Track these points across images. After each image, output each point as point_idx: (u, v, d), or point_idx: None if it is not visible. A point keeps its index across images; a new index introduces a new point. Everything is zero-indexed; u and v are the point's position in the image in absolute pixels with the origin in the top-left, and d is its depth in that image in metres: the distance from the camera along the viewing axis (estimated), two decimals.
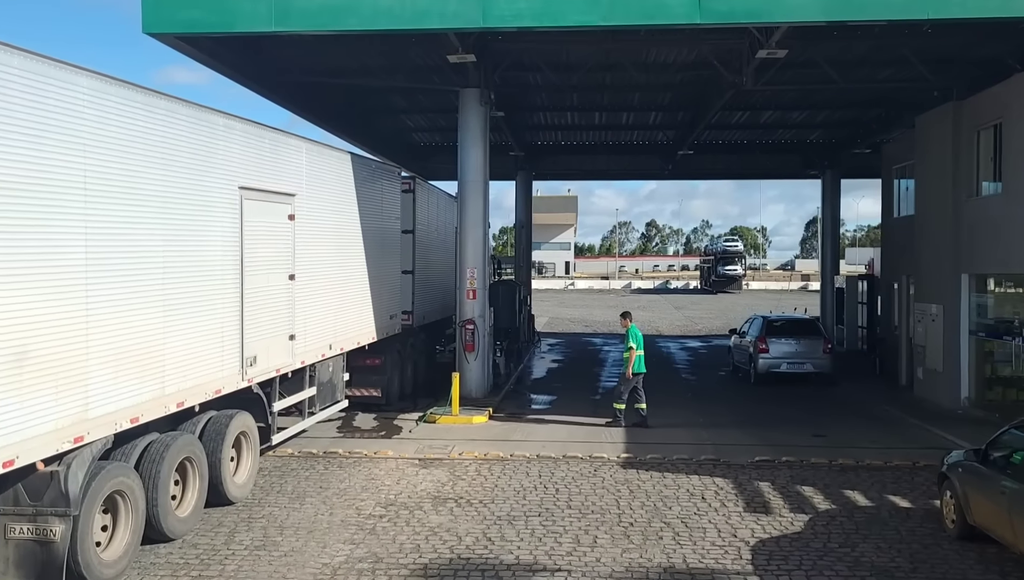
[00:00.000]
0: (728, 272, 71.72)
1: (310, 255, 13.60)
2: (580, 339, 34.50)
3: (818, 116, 27.16)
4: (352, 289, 15.62)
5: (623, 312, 17.51)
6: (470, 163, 18.64)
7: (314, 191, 13.80)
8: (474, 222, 18.66)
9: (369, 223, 16.44)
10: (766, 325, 21.59)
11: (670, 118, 27.56)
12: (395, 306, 18.33)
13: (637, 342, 16.42)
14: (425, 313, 20.93)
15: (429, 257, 21.43)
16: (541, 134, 30.75)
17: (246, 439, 11.72)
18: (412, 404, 18.41)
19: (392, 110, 26.65)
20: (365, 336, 16.38)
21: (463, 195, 18.77)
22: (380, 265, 17.18)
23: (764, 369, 21.13)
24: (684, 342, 33.28)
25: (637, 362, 16.35)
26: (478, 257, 18.68)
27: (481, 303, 18.62)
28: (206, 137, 10.63)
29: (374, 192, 16.92)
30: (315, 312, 13.79)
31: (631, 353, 16.36)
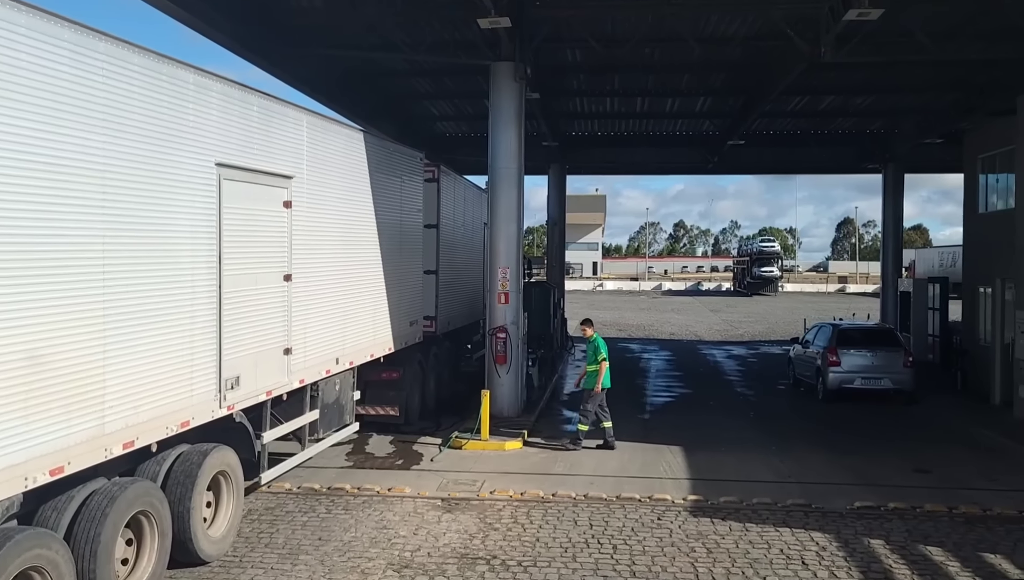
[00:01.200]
0: (764, 274, 68.59)
1: (311, 251, 11.16)
2: (615, 345, 31.79)
3: (885, 101, 24.37)
4: (364, 292, 13.17)
5: (584, 319, 15.06)
6: (503, 148, 16.13)
7: (317, 174, 11.36)
8: (507, 215, 16.16)
9: (385, 215, 13.99)
10: (837, 334, 18.88)
11: (720, 104, 24.89)
12: (416, 311, 15.87)
13: (606, 353, 14.21)
14: (450, 318, 18.45)
15: (455, 256, 18.95)
16: (577, 124, 28.19)
17: (227, 480, 9.29)
18: (435, 423, 15.94)
19: (415, 95, 24.21)
20: (380, 347, 13.93)
21: (494, 184, 16.27)
22: (398, 264, 14.73)
23: (835, 385, 18.43)
24: (728, 349, 30.56)
25: (606, 376, 14.15)
26: (512, 256, 16.18)
27: (515, 308, 16.11)
28: (171, 97, 8.20)
29: (392, 179, 14.47)
30: (318, 320, 11.35)
31: (601, 365, 14.10)
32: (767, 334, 37.34)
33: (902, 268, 28.86)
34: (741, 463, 13.19)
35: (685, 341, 33.99)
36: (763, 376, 23.33)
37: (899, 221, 28.51)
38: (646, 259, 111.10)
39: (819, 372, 19.00)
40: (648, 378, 22.67)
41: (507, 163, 16.11)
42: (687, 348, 30.88)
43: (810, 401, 18.99)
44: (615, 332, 37.78)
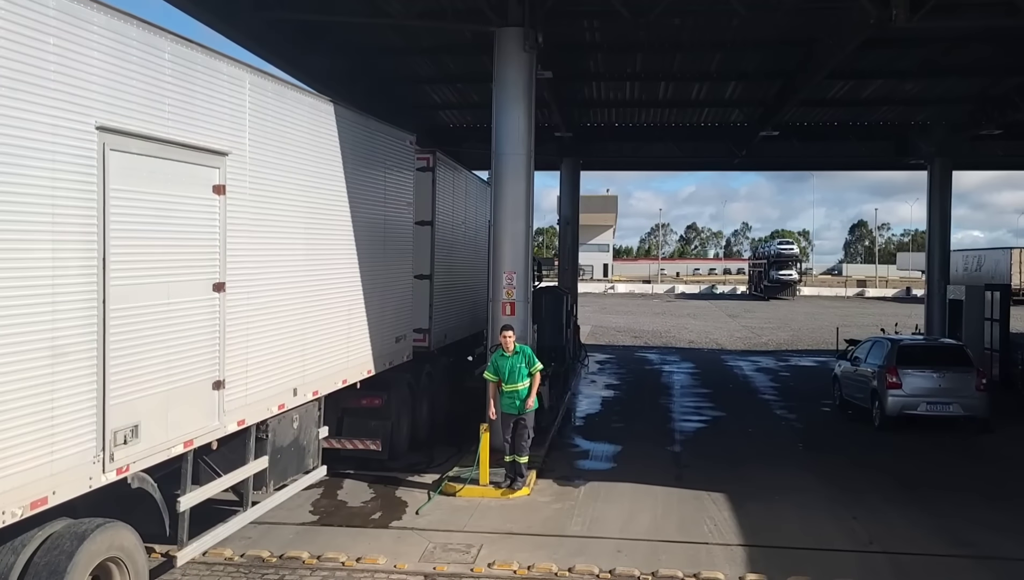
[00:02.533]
0: (782, 277, 65.52)
1: (257, 252, 8.48)
2: (632, 355, 29.13)
3: (937, 87, 21.49)
4: (334, 304, 10.48)
5: (504, 324, 11.86)
6: (509, 130, 13.41)
7: (266, 152, 8.67)
8: (514, 210, 13.44)
9: (365, 209, 11.31)
10: (897, 351, 16.07)
11: (753, 90, 22.09)
12: (404, 324, 13.17)
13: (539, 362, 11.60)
14: (447, 330, 15.76)
15: (454, 258, 16.27)
16: (593, 113, 25.42)
17: (120, 570, 6.62)
18: (427, 457, 13.26)
19: (413, 78, 21.50)
20: (356, 370, 11.24)
21: (499, 174, 13.56)
22: (381, 268, 12.06)
23: (895, 410, 15.63)
24: (755, 360, 27.74)
25: None
26: (519, 258, 13.47)
27: (522, 321, 13.37)
28: (19, 28, 5.54)
29: (374, 165, 11.78)
30: (266, 341, 8.67)
31: (535, 379, 11.42)
32: (792, 343, 34.52)
33: (948, 272, 25.91)
34: (804, 520, 10.41)
35: (706, 350, 31.19)
36: (801, 394, 20.53)
37: (946, 221, 25.61)
38: (658, 261, 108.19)
39: (875, 395, 16.20)
40: (672, 396, 19.90)
41: (514, 148, 13.39)
42: (710, 359, 28.08)
43: (864, 428, 16.17)
44: (630, 339, 35.06)
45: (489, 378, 11.39)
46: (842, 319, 47.60)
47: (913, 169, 28.14)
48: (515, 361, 11.29)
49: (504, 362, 11.30)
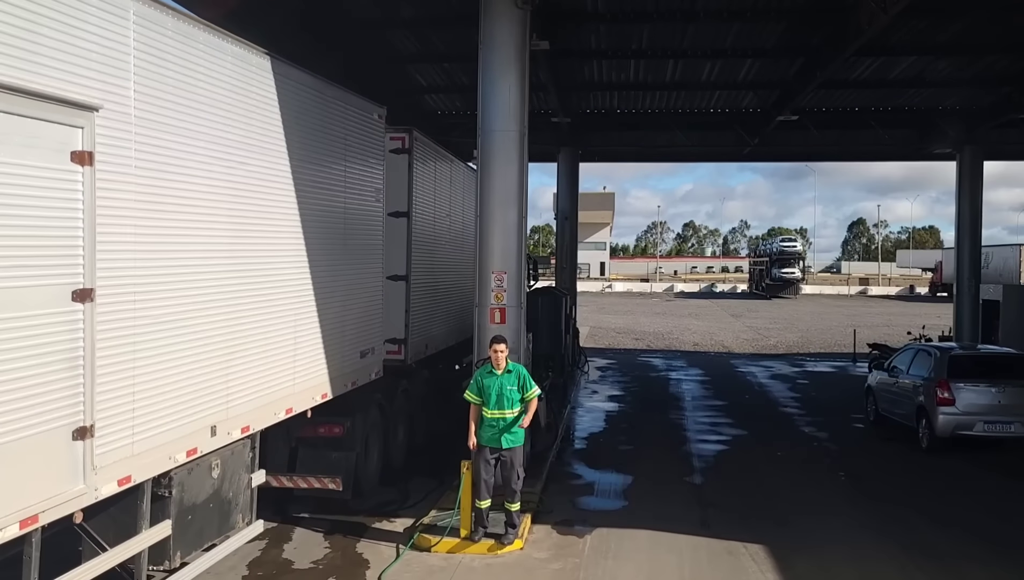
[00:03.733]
0: (785, 275, 63.18)
1: (149, 246, 6.17)
2: (635, 360, 26.84)
3: (976, 64, 19.17)
4: (274, 313, 8.17)
5: (495, 336, 9.41)
6: (499, 101, 11.10)
7: (163, 111, 6.35)
8: (504, 198, 11.14)
9: (317, 195, 9.02)
10: (949, 362, 13.79)
11: (770, 70, 19.79)
12: (372, 335, 10.88)
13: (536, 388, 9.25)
14: (428, 340, 13.48)
15: (437, 255, 13.99)
16: (593, 98, 23.09)
17: None
18: (401, 493, 10.97)
19: (394, 56, 19.18)
20: (306, 395, 8.94)
21: (487, 154, 11.25)
22: (341, 268, 9.76)
23: (947, 430, 13.37)
24: (768, 366, 25.46)
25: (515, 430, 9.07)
26: (510, 256, 11.18)
27: (514, 329, 11.08)
28: None
29: (330, 142, 9.48)
30: (164, 367, 6.36)
31: (531, 405, 9.08)
32: (803, 345, 32.26)
33: (979, 271, 23.63)
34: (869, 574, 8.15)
35: (713, 354, 28.91)
36: (826, 406, 18.24)
37: (977, 216, 23.35)
38: (656, 259, 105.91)
39: (921, 412, 13.93)
40: (684, 410, 17.60)
41: (504, 123, 11.09)
42: (719, 364, 25.80)
43: (910, 451, 13.89)
44: (631, 341, 32.80)
45: (471, 399, 9.04)
46: (850, 319, 45.38)
47: (938, 159, 25.96)
48: (505, 382, 8.96)
49: (491, 382, 8.97)
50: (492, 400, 8.86)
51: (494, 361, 8.99)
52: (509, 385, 8.93)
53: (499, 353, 8.97)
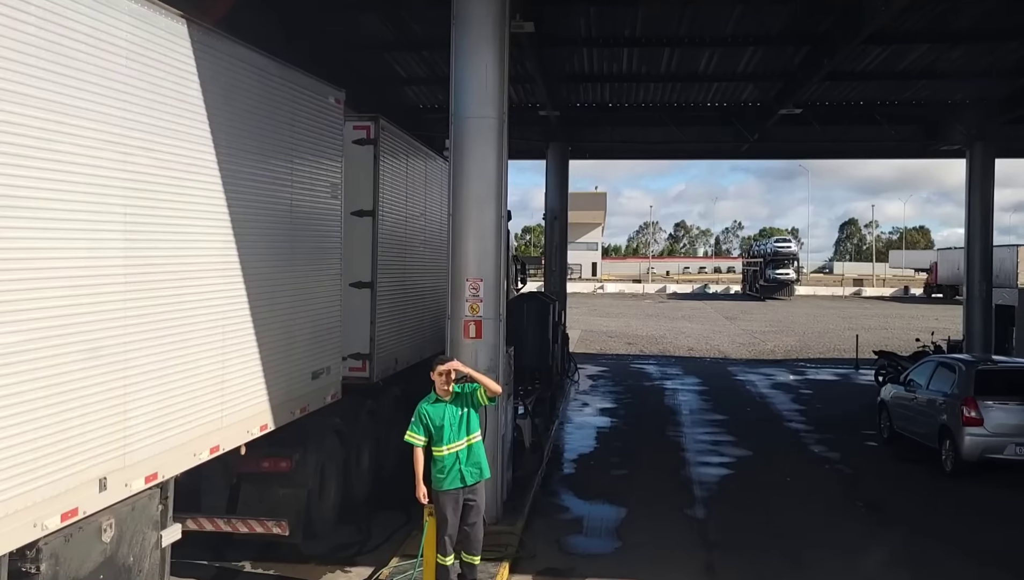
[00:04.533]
0: (779, 276, 61.81)
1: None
2: (628, 367, 25.43)
3: (994, 52, 17.84)
4: (193, 330, 6.66)
5: (438, 357, 8.18)
6: (473, 82, 9.66)
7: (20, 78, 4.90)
8: (481, 193, 9.70)
9: (254, 190, 7.57)
10: (975, 377, 12.41)
11: (772, 59, 18.40)
12: (328, 351, 9.41)
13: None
14: (399, 353, 12.03)
15: (408, 259, 12.55)
16: (583, 90, 21.66)
17: None
18: (363, 533, 9.55)
19: (369, 43, 17.74)
20: (239, 428, 7.48)
21: (460, 144, 9.81)
22: (287, 274, 8.30)
23: (974, 453, 11.98)
24: (768, 374, 24.07)
25: (446, 467, 7.46)
26: (487, 259, 9.72)
27: (492, 345, 9.63)
28: None
29: (272, 129, 8.01)
30: (23, 406, 4.90)
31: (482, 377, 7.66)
32: (802, 350, 30.92)
33: (991, 272, 22.25)
34: None
35: (709, 361, 27.54)
36: (833, 421, 16.84)
37: (988, 216, 21.95)
38: (649, 260, 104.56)
39: (944, 432, 12.55)
40: (682, 426, 16.17)
41: (481, 109, 9.65)
42: (717, 372, 24.40)
43: (933, 475, 12.50)
44: (624, 346, 31.40)
45: (415, 442, 7.40)
46: (847, 321, 44.16)
47: (945, 156, 24.61)
48: (454, 410, 7.42)
49: (437, 413, 7.39)
50: (444, 435, 7.35)
51: (437, 387, 7.47)
52: (460, 411, 7.43)
53: (442, 374, 7.39)
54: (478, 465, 7.45)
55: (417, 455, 7.42)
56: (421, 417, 7.42)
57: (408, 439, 7.44)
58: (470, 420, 7.46)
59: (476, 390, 7.49)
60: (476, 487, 7.44)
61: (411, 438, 7.41)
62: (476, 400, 7.49)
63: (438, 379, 7.44)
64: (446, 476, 7.36)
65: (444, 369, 7.42)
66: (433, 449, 7.40)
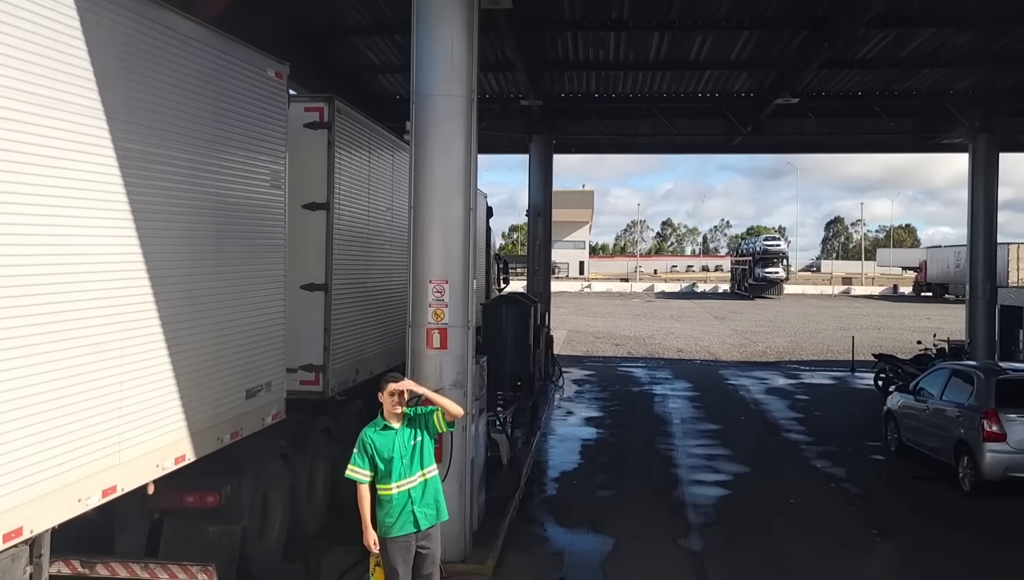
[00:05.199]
0: (768, 275, 60.79)
1: None
2: (615, 370, 24.21)
3: (998, 41, 16.74)
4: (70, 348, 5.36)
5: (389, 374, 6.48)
6: (439, 57, 8.40)
7: None
8: (446, 183, 8.42)
9: (161, 176, 6.27)
10: (996, 387, 11.23)
11: (768, 45, 17.22)
12: (268, 365, 8.10)
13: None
14: (359, 363, 10.75)
15: (373, 258, 11.27)
16: (568, 81, 20.39)
17: None
18: (310, 573, 8.28)
19: (337, 26, 16.46)
20: (145, 463, 6.17)
21: (423, 127, 8.52)
22: (212, 277, 7.00)
23: (996, 471, 10.81)
24: (761, 377, 22.90)
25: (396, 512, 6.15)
26: (454, 259, 8.45)
27: (459, 356, 8.37)
28: None
29: (191, 103, 6.71)
30: None
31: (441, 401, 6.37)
32: (794, 351, 29.81)
33: (994, 271, 21.14)
34: None
35: (700, 363, 26.37)
36: (835, 430, 15.66)
37: (992, 213, 20.86)
38: (636, 258, 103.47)
39: (962, 447, 11.37)
40: (673, 437, 14.94)
41: (446, 85, 8.38)
42: (708, 376, 23.21)
43: (949, 494, 11.32)
44: (611, 347, 30.20)
45: (358, 478, 6.12)
46: (838, 321, 43.16)
47: (946, 150, 23.52)
48: (405, 438, 6.16)
49: (385, 442, 6.11)
50: (396, 468, 6.09)
51: (387, 411, 6.20)
52: (413, 439, 6.16)
53: (393, 393, 6.11)
54: (434, 505, 6.19)
55: (362, 494, 6.15)
56: (366, 447, 6.15)
57: (350, 475, 6.17)
58: (424, 450, 6.20)
59: (432, 413, 6.24)
60: (431, 532, 6.18)
61: (353, 473, 6.15)
62: (432, 426, 6.24)
63: (387, 401, 6.16)
64: (396, 520, 6.10)
65: (396, 389, 6.15)
66: (379, 486, 6.14)
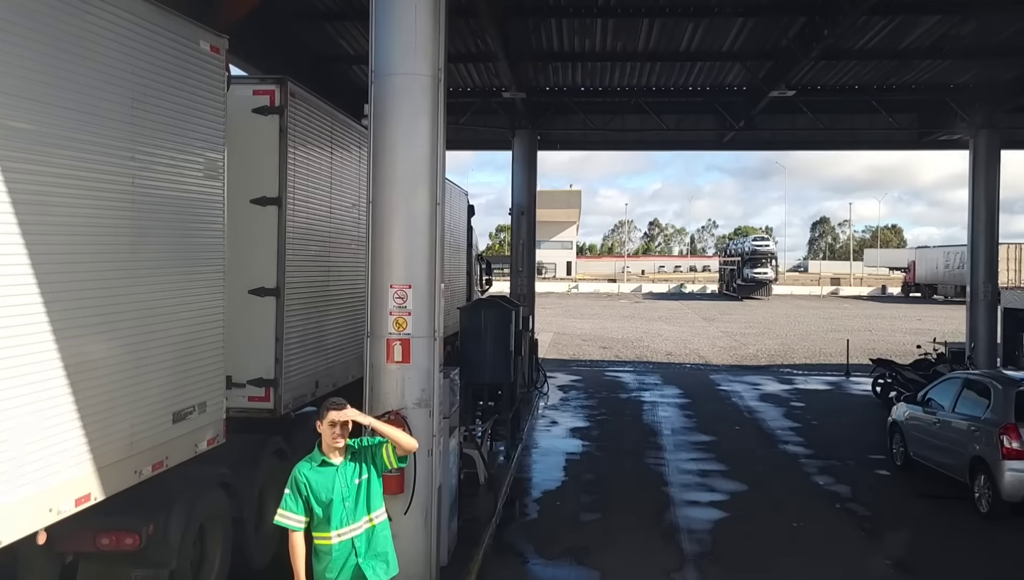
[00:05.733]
0: (757, 275, 59.99)
1: None
2: (603, 375, 23.22)
3: (1004, 31, 15.85)
4: None
5: (332, 400, 5.21)
6: (400, 32, 7.32)
7: None
8: (408, 174, 7.37)
9: (59, 164, 5.21)
10: (1016, 399, 10.28)
11: (763, 33, 16.28)
12: (201, 382, 7.01)
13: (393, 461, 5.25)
14: (319, 374, 9.70)
15: (335, 259, 10.22)
16: (552, 73, 19.37)
17: None
18: None
19: (307, 11, 15.39)
20: (35, 506, 5.08)
21: (382, 110, 7.43)
22: (128, 282, 5.93)
23: (1018, 491, 9.86)
24: (754, 383, 21.95)
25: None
26: (418, 260, 7.40)
27: (425, 370, 7.33)
28: None
29: (101, 78, 5.65)
30: None
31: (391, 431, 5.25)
32: (785, 354, 28.94)
33: (997, 272, 20.24)
34: None
35: (690, 367, 25.44)
36: (835, 443, 14.69)
37: (993, 212, 19.93)
38: (624, 259, 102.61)
39: (978, 465, 10.42)
40: (663, 451, 13.93)
41: (409, 64, 7.31)
42: (698, 381, 22.26)
43: (965, 517, 10.37)
44: (599, 350, 29.25)
45: (290, 524, 5.08)
46: (828, 322, 42.39)
47: (943, 148, 22.65)
48: (348, 475, 5.11)
49: (323, 481, 5.06)
50: (337, 513, 5.05)
51: (326, 444, 5.13)
52: (358, 474, 5.13)
53: (335, 423, 5.04)
54: (383, 556, 5.15)
55: (295, 544, 5.10)
56: (299, 487, 5.10)
57: (279, 521, 5.12)
58: (371, 491, 5.16)
59: (381, 446, 5.20)
60: None
61: (284, 519, 5.10)
62: (380, 461, 5.20)
63: (327, 432, 5.11)
64: (336, 575, 5.06)
65: (338, 418, 5.09)
66: (316, 534, 5.10)
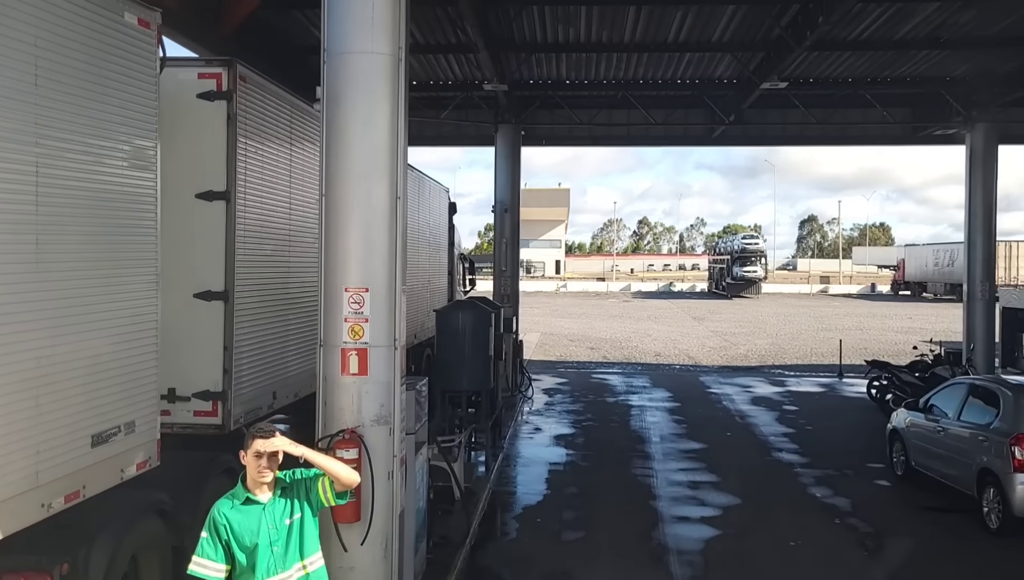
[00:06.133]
0: (747, 274, 59.45)
1: None
2: (590, 378, 22.49)
3: (1004, 19, 15.20)
4: None
5: (259, 427, 4.41)
6: (356, 6, 6.57)
7: None
8: (365, 164, 6.58)
9: None
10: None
11: (754, 22, 15.59)
12: (128, 399, 6.19)
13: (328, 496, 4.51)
14: (279, 384, 8.91)
15: (294, 258, 9.41)
16: (535, 65, 18.61)
17: None
18: None
19: (282, 2, 14.57)
20: None
21: (335, 93, 6.62)
22: (37, 286, 5.13)
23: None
24: (745, 386, 21.25)
25: None
26: (377, 260, 6.61)
27: (384, 383, 6.56)
28: None
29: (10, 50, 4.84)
30: None
31: (330, 465, 4.53)
32: (776, 354, 28.31)
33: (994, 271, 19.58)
34: None
35: (679, 369, 24.75)
36: (831, 450, 14.00)
37: (990, 208, 19.29)
38: (613, 257, 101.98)
39: (986, 477, 9.72)
40: (652, 460, 13.16)
41: (368, 40, 6.51)
42: (688, 383, 21.56)
43: (973, 532, 9.67)
44: (586, 351, 28.53)
45: (202, 574, 4.29)
46: (819, 321, 41.81)
47: (939, 142, 21.96)
48: (277, 513, 4.34)
49: (246, 522, 4.30)
50: (263, 559, 4.28)
51: (251, 478, 4.35)
52: (289, 514, 4.37)
53: (261, 456, 4.27)
54: None
55: None
56: (219, 529, 4.31)
57: (193, 570, 4.33)
58: (305, 533, 4.38)
59: (317, 480, 4.43)
60: None
61: (200, 568, 4.31)
62: (316, 497, 4.43)
63: (252, 464, 4.32)
64: None
65: (264, 449, 4.30)
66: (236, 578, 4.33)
